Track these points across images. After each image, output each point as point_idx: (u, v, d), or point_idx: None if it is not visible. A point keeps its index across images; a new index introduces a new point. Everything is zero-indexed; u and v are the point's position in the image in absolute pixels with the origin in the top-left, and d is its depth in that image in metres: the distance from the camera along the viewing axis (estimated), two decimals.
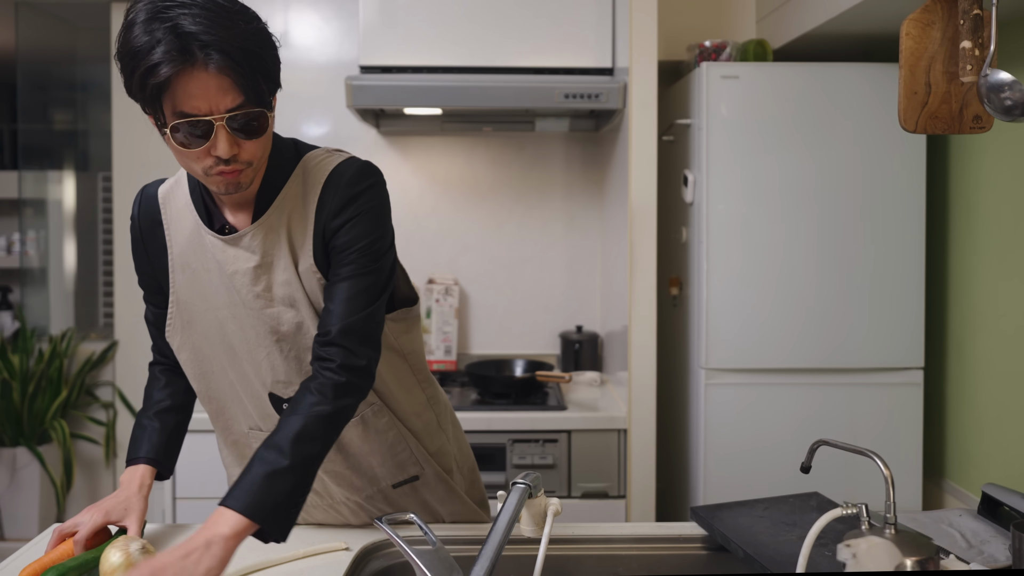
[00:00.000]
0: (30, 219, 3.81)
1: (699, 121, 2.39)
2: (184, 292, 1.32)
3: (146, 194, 1.38)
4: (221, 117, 1.11)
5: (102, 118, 3.54)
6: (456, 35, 2.43)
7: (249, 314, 1.27)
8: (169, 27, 1.06)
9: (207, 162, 1.14)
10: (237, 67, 1.09)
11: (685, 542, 1.39)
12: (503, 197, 2.87)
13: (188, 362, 1.37)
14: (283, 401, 1.32)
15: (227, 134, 1.12)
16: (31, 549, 1.34)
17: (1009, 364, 2.19)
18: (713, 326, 2.37)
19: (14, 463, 3.30)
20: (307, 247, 1.25)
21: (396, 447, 1.40)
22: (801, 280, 2.37)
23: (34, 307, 3.71)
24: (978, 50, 1.29)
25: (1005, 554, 1.29)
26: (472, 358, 2.80)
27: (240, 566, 1.24)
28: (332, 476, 1.40)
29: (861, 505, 1.06)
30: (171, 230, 1.32)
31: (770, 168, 2.35)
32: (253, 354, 1.30)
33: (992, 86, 1.22)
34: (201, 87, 1.09)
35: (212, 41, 1.07)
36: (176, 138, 1.12)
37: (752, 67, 2.36)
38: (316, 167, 1.27)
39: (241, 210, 1.27)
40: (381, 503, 1.45)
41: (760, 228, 2.36)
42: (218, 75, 1.08)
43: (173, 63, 1.06)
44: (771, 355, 2.37)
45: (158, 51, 1.06)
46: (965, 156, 2.39)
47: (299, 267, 1.25)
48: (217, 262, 1.27)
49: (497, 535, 0.98)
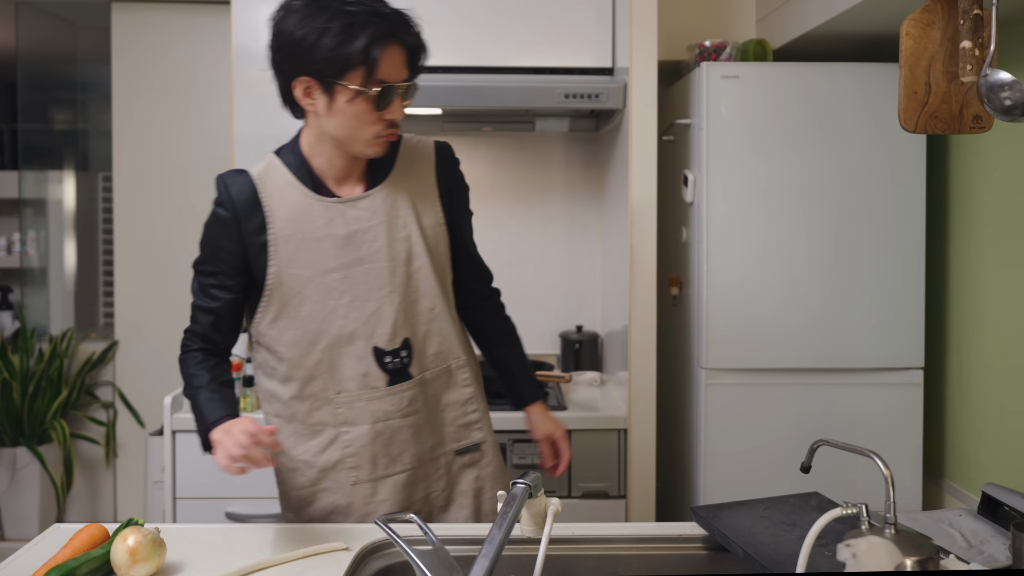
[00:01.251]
0: (30, 219, 3.81)
1: (699, 121, 2.39)
2: (286, 263, 1.44)
3: (235, 179, 1.48)
4: (403, 86, 1.38)
5: (102, 118, 3.55)
6: (456, 35, 2.43)
7: (365, 271, 1.44)
8: (370, 10, 1.32)
9: (378, 127, 1.40)
10: (415, 46, 1.39)
11: (685, 542, 1.39)
12: (503, 197, 2.87)
13: (285, 331, 1.46)
14: (386, 354, 1.46)
15: (400, 101, 1.40)
16: (31, 549, 1.34)
17: (1009, 364, 2.19)
18: (713, 326, 2.37)
19: (14, 463, 3.30)
20: (431, 207, 1.50)
21: (468, 406, 1.56)
22: (801, 280, 2.37)
23: (34, 307, 3.71)
24: (978, 50, 1.29)
25: (1005, 554, 1.29)
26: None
27: (240, 566, 1.24)
28: (412, 429, 1.50)
29: (861, 505, 1.06)
30: (272, 207, 1.45)
31: (770, 168, 2.35)
32: (363, 309, 1.44)
33: (992, 86, 1.22)
34: (397, 59, 1.36)
35: (404, 21, 1.36)
36: (369, 103, 1.36)
37: (752, 67, 2.36)
38: (418, 144, 1.56)
39: (344, 182, 1.48)
40: (436, 475, 1.54)
41: (760, 228, 2.36)
42: (404, 51, 1.37)
43: (384, 39, 1.32)
44: (771, 355, 2.37)
45: (371, 28, 1.31)
46: (965, 156, 2.39)
47: (423, 223, 1.48)
48: (332, 226, 1.43)
49: (497, 535, 0.98)
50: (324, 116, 1.40)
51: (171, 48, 3.26)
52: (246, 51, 2.79)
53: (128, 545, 1.19)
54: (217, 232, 1.46)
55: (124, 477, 3.38)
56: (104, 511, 3.39)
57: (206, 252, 1.49)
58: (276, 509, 2.22)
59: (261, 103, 2.80)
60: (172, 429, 2.24)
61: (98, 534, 1.29)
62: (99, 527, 1.30)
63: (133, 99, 3.27)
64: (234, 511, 2.24)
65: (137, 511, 3.32)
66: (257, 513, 2.23)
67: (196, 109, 3.27)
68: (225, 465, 1.27)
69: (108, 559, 1.22)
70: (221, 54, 3.18)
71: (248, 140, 2.79)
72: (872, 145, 2.36)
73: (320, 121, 1.42)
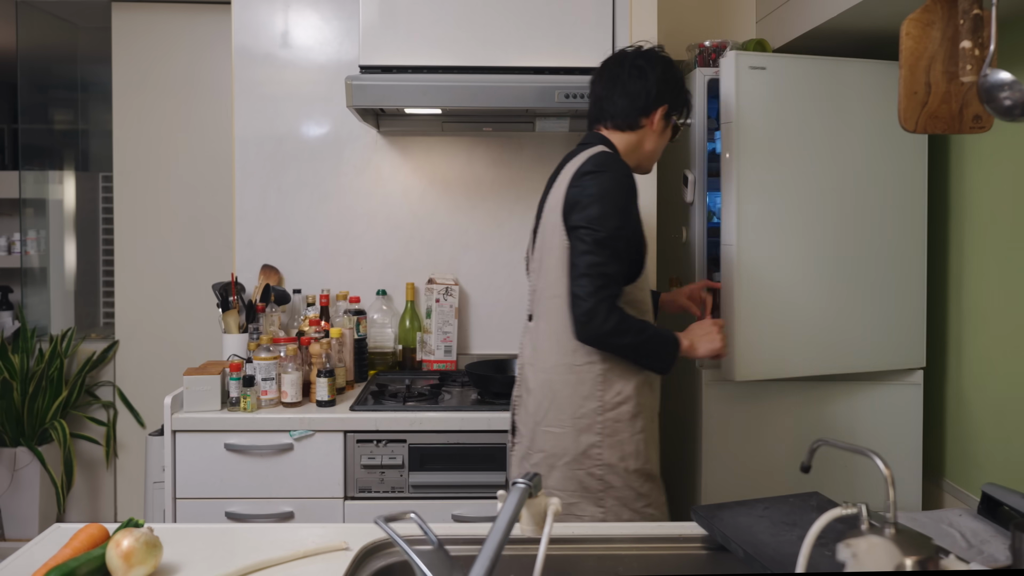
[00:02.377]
0: (30, 219, 3.81)
1: (698, 121, 2.38)
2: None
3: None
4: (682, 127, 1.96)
5: (102, 118, 3.55)
6: (456, 35, 2.43)
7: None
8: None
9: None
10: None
11: (685, 542, 1.39)
12: (503, 197, 2.87)
13: (641, 290, 1.79)
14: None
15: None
16: (31, 549, 1.34)
17: (1009, 364, 2.19)
18: None
19: (14, 463, 3.30)
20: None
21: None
22: (801, 281, 2.36)
23: (34, 307, 3.72)
24: (978, 50, 1.29)
25: (1005, 554, 1.29)
26: (472, 358, 2.80)
27: (240, 566, 1.24)
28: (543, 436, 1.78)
29: (861, 505, 1.06)
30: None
31: (769, 168, 2.35)
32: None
33: (992, 86, 1.22)
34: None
35: None
36: (669, 134, 1.89)
37: (764, 57, 2.35)
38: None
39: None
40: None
41: (759, 228, 2.36)
42: None
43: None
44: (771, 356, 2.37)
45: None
46: (965, 156, 2.39)
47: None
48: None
49: (497, 535, 0.98)
50: (654, 135, 1.84)
51: (171, 48, 3.26)
52: (246, 51, 2.79)
53: (122, 549, 1.18)
54: (632, 200, 1.75)
55: (124, 477, 3.38)
56: (104, 511, 3.39)
57: (624, 217, 1.72)
58: (276, 509, 2.23)
59: (261, 103, 2.80)
60: (172, 429, 2.24)
61: (98, 534, 1.28)
62: (99, 527, 1.30)
63: (133, 99, 3.27)
64: (234, 511, 2.24)
65: (137, 511, 3.32)
66: (257, 513, 2.23)
67: (196, 109, 3.27)
68: (719, 348, 1.78)
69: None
70: (221, 54, 3.18)
71: (248, 140, 2.79)
72: (872, 146, 2.36)
73: (647, 137, 1.85)
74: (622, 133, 1.84)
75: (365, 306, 2.75)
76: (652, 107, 1.82)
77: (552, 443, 1.76)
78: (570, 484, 1.74)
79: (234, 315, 2.49)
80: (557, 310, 1.75)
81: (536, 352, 1.82)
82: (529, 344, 1.86)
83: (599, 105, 1.86)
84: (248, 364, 2.31)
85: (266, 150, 2.80)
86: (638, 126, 1.83)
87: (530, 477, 1.09)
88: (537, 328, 1.83)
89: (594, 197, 1.69)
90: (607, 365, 1.74)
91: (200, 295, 3.18)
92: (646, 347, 1.71)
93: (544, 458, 1.77)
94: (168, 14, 3.25)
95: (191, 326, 3.26)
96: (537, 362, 1.82)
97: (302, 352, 2.38)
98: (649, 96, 1.81)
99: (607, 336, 1.67)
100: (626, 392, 1.75)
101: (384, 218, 2.84)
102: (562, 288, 1.73)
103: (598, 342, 1.69)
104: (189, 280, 3.27)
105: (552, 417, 1.76)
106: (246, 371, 2.29)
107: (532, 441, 1.80)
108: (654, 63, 1.83)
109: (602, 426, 1.73)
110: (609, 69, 1.87)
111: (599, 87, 1.88)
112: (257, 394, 2.28)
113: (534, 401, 1.81)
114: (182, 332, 3.28)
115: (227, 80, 3.08)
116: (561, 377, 1.76)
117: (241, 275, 2.74)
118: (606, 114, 1.85)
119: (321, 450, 2.24)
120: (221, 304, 2.49)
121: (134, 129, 3.27)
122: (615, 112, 1.83)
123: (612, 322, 1.65)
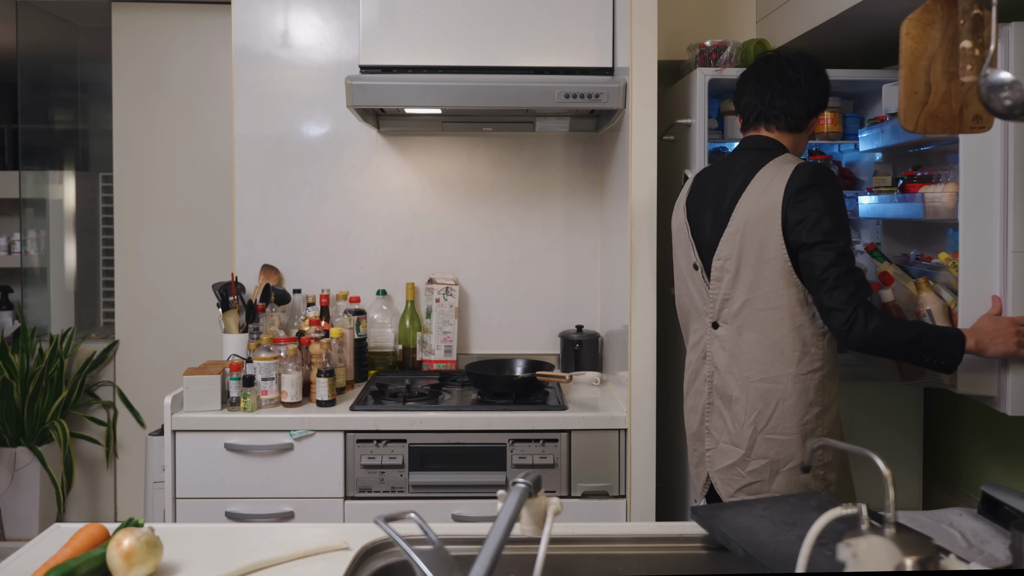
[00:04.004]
0: (30, 219, 3.81)
1: (699, 121, 2.38)
2: None
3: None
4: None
5: (102, 118, 3.55)
6: (456, 35, 2.43)
7: None
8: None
9: None
10: None
11: (685, 542, 1.39)
12: (503, 197, 2.87)
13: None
14: None
15: None
16: (31, 549, 1.34)
17: None
18: None
19: (14, 463, 3.30)
20: None
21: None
22: None
23: (34, 307, 3.72)
24: (978, 50, 1.29)
25: (1005, 554, 1.29)
26: (472, 358, 2.80)
27: (240, 566, 1.24)
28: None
29: (861, 505, 1.06)
30: None
31: None
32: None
33: (992, 86, 1.22)
34: None
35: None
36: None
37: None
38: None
39: None
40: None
41: None
42: None
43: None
44: None
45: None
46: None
47: None
48: None
49: (497, 535, 0.98)
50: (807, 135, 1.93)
51: (171, 48, 3.26)
52: (246, 51, 2.79)
53: (123, 549, 1.19)
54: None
55: (124, 477, 3.38)
56: (104, 511, 3.39)
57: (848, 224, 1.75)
58: (276, 509, 2.23)
59: (261, 103, 2.80)
60: (172, 429, 2.24)
61: (98, 534, 1.29)
62: (99, 527, 1.30)
63: (133, 99, 3.27)
64: (234, 511, 2.24)
65: (137, 511, 3.32)
66: (257, 513, 2.23)
67: (196, 109, 3.27)
68: (1015, 348, 1.72)
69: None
70: (221, 54, 3.18)
71: (248, 140, 2.79)
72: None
73: (804, 138, 1.93)
74: (790, 134, 1.90)
75: (365, 306, 2.75)
76: (819, 110, 1.91)
77: (777, 450, 1.78)
78: (794, 488, 1.77)
79: (234, 315, 2.49)
80: (775, 322, 1.76)
81: (737, 361, 1.82)
82: (721, 352, 1.86)
83: (772, 107, 1.88)
84: (248, 364, 2.31)
85: (266, 150, 2.80)
86: (804, 128, 1.90)
87: (530, 477, 1.09)
88: (738, 338, 1.82)
89: (824, 211, 1.71)
90: (826, 371, 1.78)
91: (200, 295, 3.18)
92: (921, 343, 1.68)
93: (767, 464, 1.79)
94: (168, 14, 3.25)
95: (191, 326, 3.26)
96: (739, 371, 1.82)
97: (302, 352, 2.38)
98: (820, 100, 1.89)
99: (872, 338, 1.66)
100: (834, 392, 1.81)
101: (384, 218, 2.85)
102: (781, 300, 1.75)
103: (867, 346, 1.68)
104: (189, 280, 3.27)
105: (776, 424, 1.78)
106: (246, 371, 2.29)
107: (751, 449, 1.81)
108: (822, 69, 1.91)
109: (824, 429, 1.78)
110: (782, 72, 1.88)
111: (767, 91, 1.89)
112: (257, 394, 2.28)
113: (745, 410, 1.81)
114: (182, 332, 3.28)
115: (227, 80, 3.08)
116: (787, 387, 1.77)
117: (241, 275, 2.74)
118: (779, 116, 1.88)
119: (321, 450, 2.24)
120: (221, 304, 2.49)
121: (134, 129, 3.27)
122: (790, 113, 1.87)
123: (873, 324, 1.65)
